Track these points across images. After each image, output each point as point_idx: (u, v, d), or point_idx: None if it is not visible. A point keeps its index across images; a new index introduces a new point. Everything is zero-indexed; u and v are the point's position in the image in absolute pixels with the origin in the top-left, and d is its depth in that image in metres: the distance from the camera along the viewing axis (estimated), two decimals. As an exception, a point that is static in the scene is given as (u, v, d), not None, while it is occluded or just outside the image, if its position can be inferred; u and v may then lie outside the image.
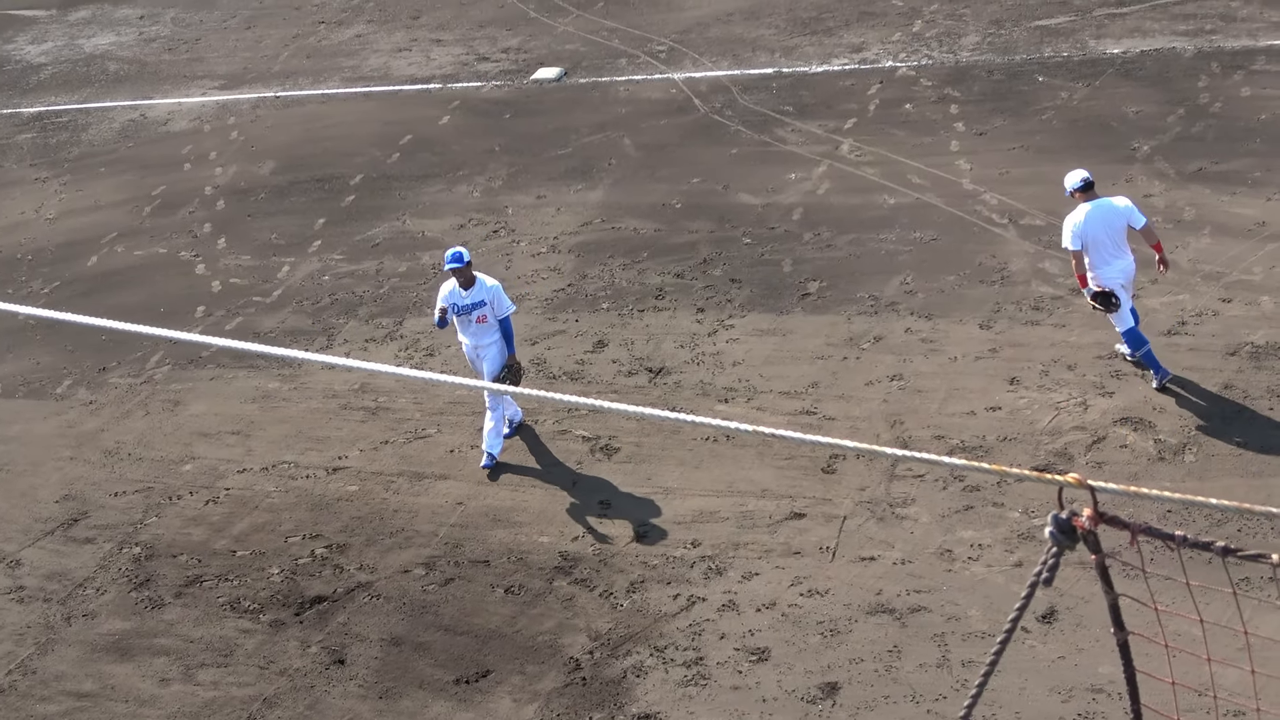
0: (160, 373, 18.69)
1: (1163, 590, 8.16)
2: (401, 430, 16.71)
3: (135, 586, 14.78)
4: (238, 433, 17.18)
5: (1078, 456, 14.77)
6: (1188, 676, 7.08)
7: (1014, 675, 12.14)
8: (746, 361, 17.14)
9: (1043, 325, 17.06)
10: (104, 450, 17.18)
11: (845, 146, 22.15)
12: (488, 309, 15.58)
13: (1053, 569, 4.47)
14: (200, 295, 20.46)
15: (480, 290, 15.60)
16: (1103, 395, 15.67)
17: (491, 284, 15.66)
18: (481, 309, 15.57)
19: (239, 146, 25.29)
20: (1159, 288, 17.44)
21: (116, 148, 26.14)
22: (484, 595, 14.07)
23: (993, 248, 18.89)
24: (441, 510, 15.32)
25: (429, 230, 21.44)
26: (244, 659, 13.66)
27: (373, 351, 18.35)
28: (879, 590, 13.41)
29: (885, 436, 15.50)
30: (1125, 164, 20.53)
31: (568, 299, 19.02)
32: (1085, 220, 15.50)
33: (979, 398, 15.92)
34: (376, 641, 13.68)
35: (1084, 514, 4.39)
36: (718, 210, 20.87)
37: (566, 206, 21.57)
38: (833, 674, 12.54)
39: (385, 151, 24.25)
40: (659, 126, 23.78)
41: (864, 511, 14.45)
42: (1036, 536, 13.74)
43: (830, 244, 19.50)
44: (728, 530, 14.45)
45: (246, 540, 15.28)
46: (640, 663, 12.96)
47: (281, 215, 22.61)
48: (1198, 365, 15.98)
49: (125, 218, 23.24)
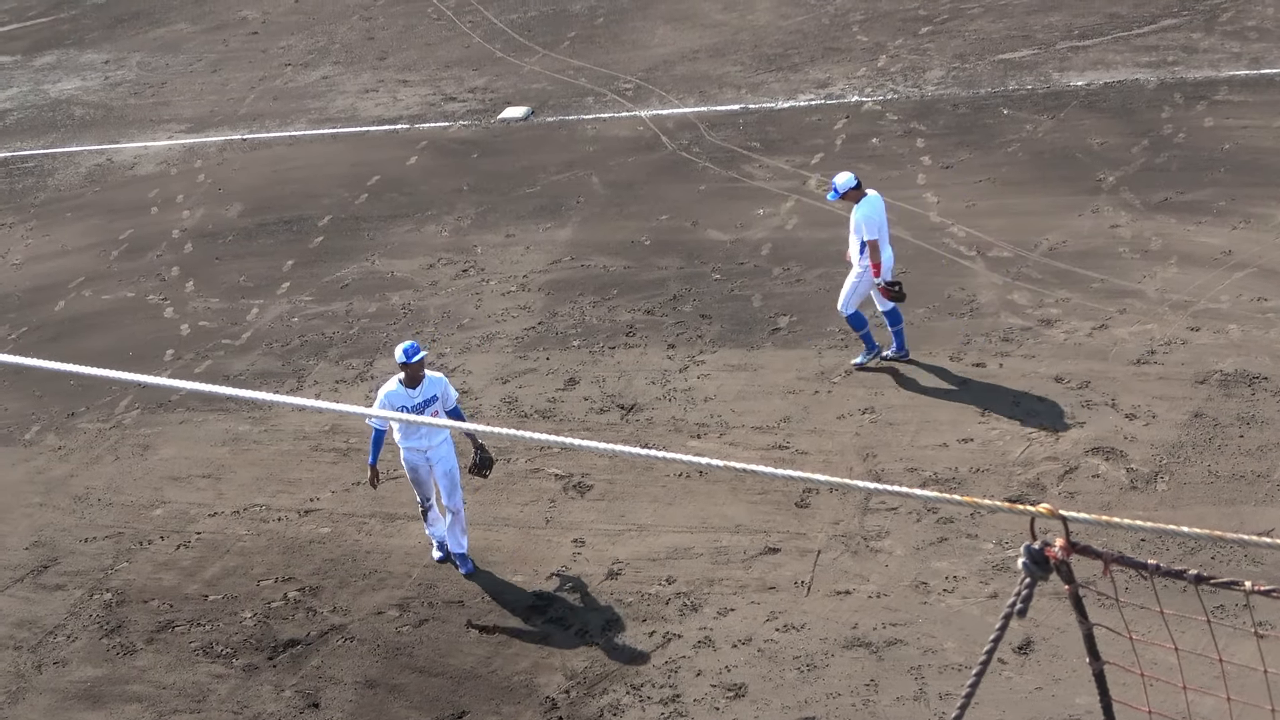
0: (129, 417, 18.61)
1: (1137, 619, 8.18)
2: (373, 471, 16.64)
3: (106, 633, 14.69)
4: (208, 476, 17.11)
5: (1050, 487, 14.81)
6: (1164, 705, 7.10)
7: (991, 707, 12.15)
8: (718, 397, 17.15)
9: (1013, 356, 17.12)
10: (73, 496, 17.08)
11: (813, 181, 22.23)
12: (439, 404, 14.21)
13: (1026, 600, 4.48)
14: (169, 339, 20.39)
15: (430, 385, 14.17)
16: (1074, 425, 15.73)
17: (437, 376, 14.35)
18: (434, 405, 14.16)
19: (206, 189, 25.25)
20: (1127, 318, 17.54)
21: (83, 192, 26.07)
22: (458, 636, 14.02)
23: (961, 280, 18.96)
24: (414, 551, 15.26)
25: (398, 270, 21.42)
26: (217, 704, 13.57)
27: (343, 393, 18.30)
28: (855, 624, 13.41)
29: (858, 470, 15.53)
30: (1091, 195, 20.65)
31: (538, 337, 19.02)
32: (875, 211, 16.73)
33: (951, 429, 15.96)
34: (351, 684, 13.61)
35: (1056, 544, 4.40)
36: (687, 247, 20.91)
37: (535, 245, 21.59)
38: (810, 709, 12.52)
39: (353, 192, 24.24)
40: (627, 164, 23.83)
41: (838, 545, 14.46)
42: (1011, 567, 13.75)
43: (800, 279, 19.55)
44: (702, 566, 14.44)
45: (218, 584, 15.20)
46: (617, 701, 12.92)
47: (250, 257, 22.56)
48: (1167, 394, 16.06)
49: (92, 262, 23.17)
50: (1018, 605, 4.52)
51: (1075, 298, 18.16)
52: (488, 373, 18.28)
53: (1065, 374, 16.64)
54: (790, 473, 4.89)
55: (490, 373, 18.28)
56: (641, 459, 15.88)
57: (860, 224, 16.75)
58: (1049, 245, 19.50)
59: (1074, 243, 19.49)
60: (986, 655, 4.75)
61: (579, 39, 29.19)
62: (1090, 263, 18.92)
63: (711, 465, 4.87)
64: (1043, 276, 18.75)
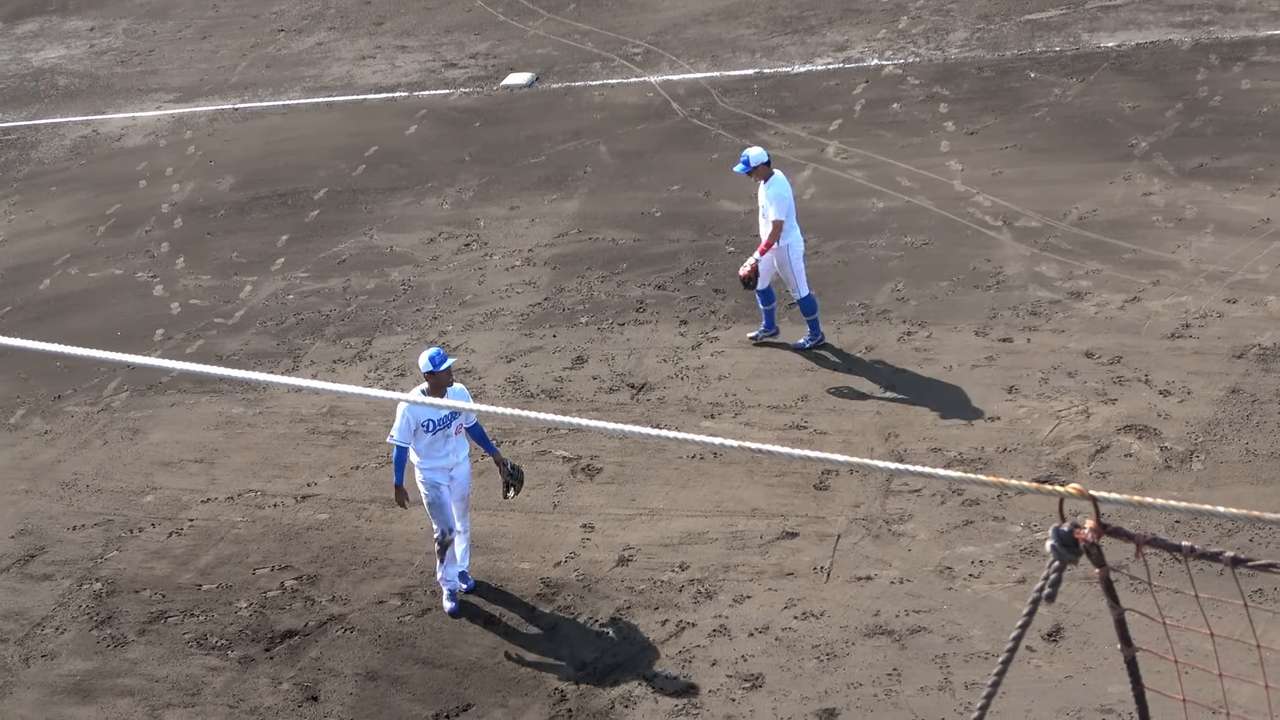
0: (119, 400, 18.64)
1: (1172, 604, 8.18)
2: (373, 454, 16.68)
3: (96, 624, 14.73)
4: (201, 461, 17.14)
5: (1080, 467, 14.81)
6: (1200, 693, 7.10)
7: (1019, 697, 12.15)
8: (733, 375, 17.15)
9: (1041, 331, 17.11)
10: (61, 482, 17.13)
11: (831, 149, 22.20)
12: (462, 417, 13.74)
13: (1055, 584, 4.48)
14: (159, 318, 20.42)
15: (454, 397, 13.59)
16: (1105, 402, 15.71)
17: (458, 387, 13.94)
18: (459, 419, 13.70)
19: (196, 162, 25.25)
20: (1161, 290, 17.52)
21: (68, 166, 26.09)
22: (463, 625, 14.05)
23: (987, 251, 18.94)
24: (416, 538, 15.29)
25: (397, 245, 21.43)
26: (212, 698, 13.61)
27: (341, 373, 18.32)
28: (876, 611, 13.42)
29: (879, 450, 15.53)
30: (1123, 161, 20.61)
31: (544, 314, 19.03)
32: (786, 190, 17.06)
33: (976, 408, 15.95)
34: (351, 676, 13.64)
35: (1086, 526, 4.40)
36: (699, 218, 20.90)
37: (541, 217, 21.58)
38: (830, 700, 12.54)
39: (350, 164, 24.24)
40: (636, 132, 23.81)
41: (859, 529, 14.46)
42: (1040, 551, 13.75)
43: (817, 251, 19.53)
44: (717, 552, 14.45)
45: (212, 573, 15.24)
46: (629, 693, 12.94)
47: (242, 233, 22.57)
48: (1203, 369, 16.04)
49: (78, 239, 23.19)
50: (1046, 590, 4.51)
51: (1106, 269, 18.14)
52: (491, 351, 18.28)
53: (1096, 349, 16.62)
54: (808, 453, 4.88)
55: (494, 351, 18.29)
56: (653, 440, 15.85)
57: (772, 202, 16.95)
58: (1079, 214, 19.46)
59: (1105, 212, 19.45)
60: (1014, 642, 4.74)
61: (585, 1, 29.14)
62: (1122, 232, 18.89)
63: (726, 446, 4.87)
64: (1072, 247, 18.72)
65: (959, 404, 16.06)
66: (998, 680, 4.84)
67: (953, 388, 16.37)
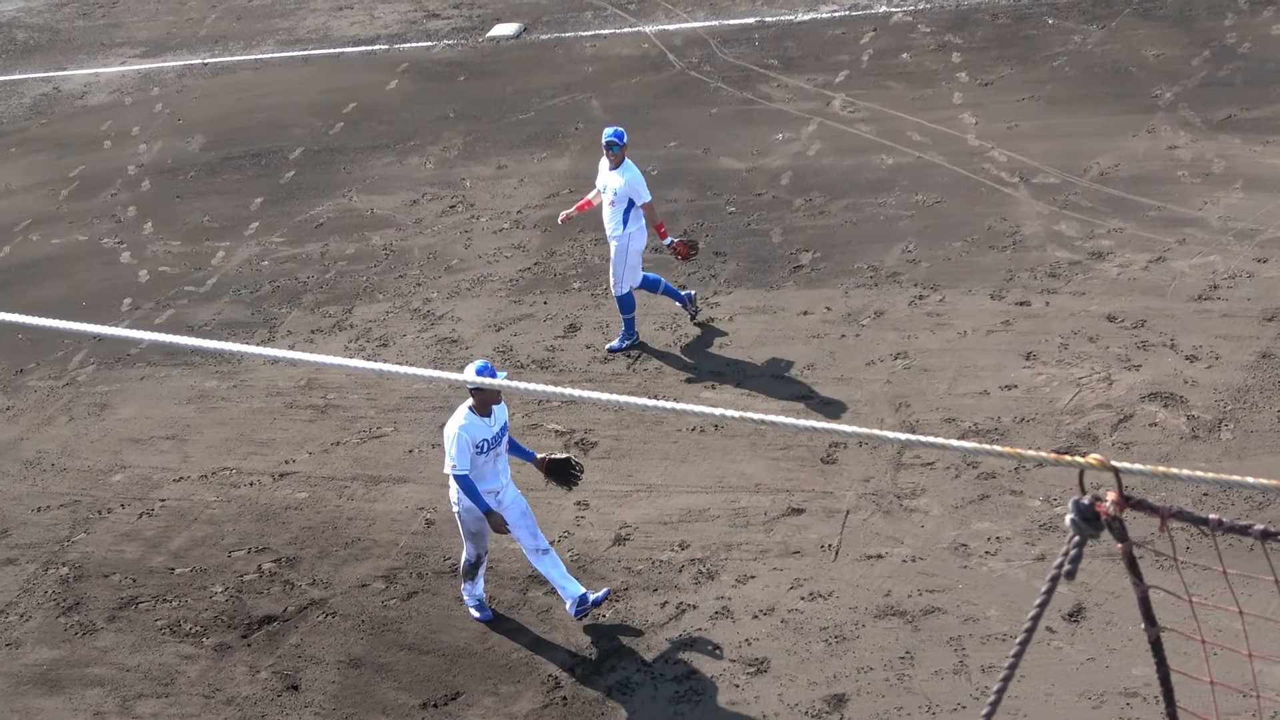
0: (84, 373, 18.64)
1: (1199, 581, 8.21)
2: (354, 430, 16.70)
3: (64, 611, 14.76)
4: (172, 437, 17.15)
5: (1103, 437, 14.83)
6: (1229, 675, 7.13)
7: (1039, 680, 12.20)
8: (734, 342, 17.16)
9: (1060, 294, 17.11)
10: (24, 461, 17.14)
11: (837, 102, 22.17)
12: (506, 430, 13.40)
13: (1075, 560, 4.49)
14: (126, 286, 20.41)
15: (500, 410, 13.26)
16: (1128, 369, 15.73)
17: None
18: (505, 434, 13.36)
19: (164, 120, 25.20)
20: (1187, 249, 17.52)
21: (28, 125, 26.03)
22: (451, 609, 14.08)
23: (1003, 209, 18.94)
24: (401, 517, 15.32)
25: (378, 207, 21.41)
26: (187, 688, 13.65)
27: (320, 343, 18.33)
28: (887, 591, 13.45)
29: (890, 421, 15.55)
30: (1146, 113, 20.59)
31: (534, 279, 19.02)
32: (640, 173, 17.19)
33: (992, 376, 15.97)
34: (333, 664, 13.68)
35: (1108, 499, 4.41)
36: (698, 177, 20.88)
37: (530, 177, 21.56)
38: (839, 685, 12.58)
39: (327, 122, 24.20)
40: (630, 86, 23.76)
41: (869, 505, 14.49)
42: (1059, 527, 13.77)
43: (823, 210, 19.53)
44: (719, 530, 14.48)
45: (186, 556, 15.27)
46: (626, 679, 12.99)
47: (214, 195, 22.55)
48: (1232, 333, 16.05)
49: (40, 203, 23.16)
50: (1066, 566, 4.52)
51: (1129, 228, 18.14)
52: (479, 319, 18.28)
53: (1119, 312, 16.63)
54: (815, 424, 4.89)
55: (482, 319, 18.29)
56: (650, 412, 15.90)
57: (631, 187, 16.94)
58: (1100, 170, 19.46)
59: (1127, 166, 19.44)
60: (1032, 623, 4.76)
61: (575, -53, 29.05)
62: (1146, 188, 18.89)
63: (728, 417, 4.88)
64: (1093, 205, 18.72)
65: (974, 372, 16.08)
66: (1015, 663, 4.86)
67: (967, 354, 16.38)
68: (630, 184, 16.94)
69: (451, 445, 12.98)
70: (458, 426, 12.91)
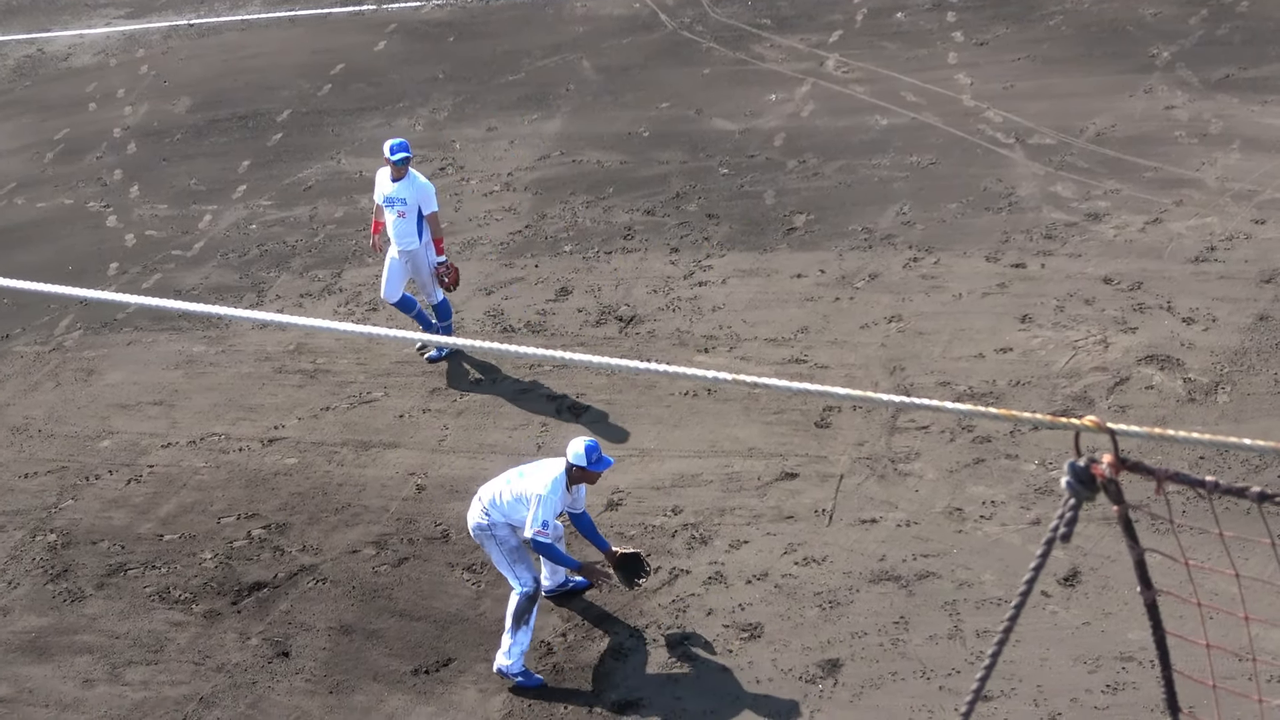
0: (71, 338, 18.62)
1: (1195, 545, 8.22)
2: (344, 395, 16.70)
3: (52, 578, 14.77)
4: (160, 403, 17.14)
5: (1099, 400, 14.85)
6: (1225, 639, 7.15)
7: (1034, 645, 12.23)
8: (727, 306, 17.15)
9: (1056, 255, 17.11)
10: (10, 427, 17.12)
11: (831, 62, 22.11)
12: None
13: (1070, 523, 4.50)
14: (113, 250, 20.37)
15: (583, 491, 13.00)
16: (1125, 331, 15.73)
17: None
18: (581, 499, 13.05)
19: (150, 82, 25.12)
20: (1184, 210, 17.51)
21: (11, 88, 25.93)
22: (442, 575, 14.10)
23: (998, 171, 18.92)
24: (392, 483, 15.33)
25: (367, 170, 21.34)
26: (176, 655, 13.67)
27: (309, 307, 18.31)
28: (882, 556, 13.48)
29: (884, 384, 15.56)
30: (1143, 73, 20.56)
31: (525, 242, 19.00)
32: None
33: (987, 339, 15.97)
34: (324, 631, 13.70)
35: (1104, 461, 4.41)
36: (690, 138, 20.84)
37: (521, 139, 21.51)
38: (833, 650, 12.61)
39: (315, 83, 24.12)
40: (621, 46, 23.70)
41: (863, 469, 14.51)
42: (1055, 491, 13.81)
43: (817, 172, 19.50)
44: (712, 494, 14.49)
45: (174, 523, 15.27)
46: (619, 644, 13.01)
47: (201, 158, 22.49)
48: (1229, 295, 16.05)
49: (24, 166, 23.09)
50: (1061, 529, 4.53)
51: (1126, 189, 18.13)
52: (470, 283, 18.26)
53: (1115, 274, 16.63)
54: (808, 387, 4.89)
55: (472, 282, 18.26)
56: (643, 375, 15.89)
57: (422, 196, 16.53)
58: (1096, 130, 19.43)
59: (1124, 127, 19.42)
60: (1027, 587, 4.77)
61: (565, -95, 28.93)
62: (1142, 149, 18.87)
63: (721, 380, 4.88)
64: (1089, 165, 18.71)
65: (969, 334, 16.08)
66: (1010, 627, 4.87)
67: (962, 317, 16.38)
68: (421, 193, 16.53)
69: (540, 511, 12.48)
70: (547, 499, 12.45)
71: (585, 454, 12.51)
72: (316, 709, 12.89)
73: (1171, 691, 5.11)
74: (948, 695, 11.97)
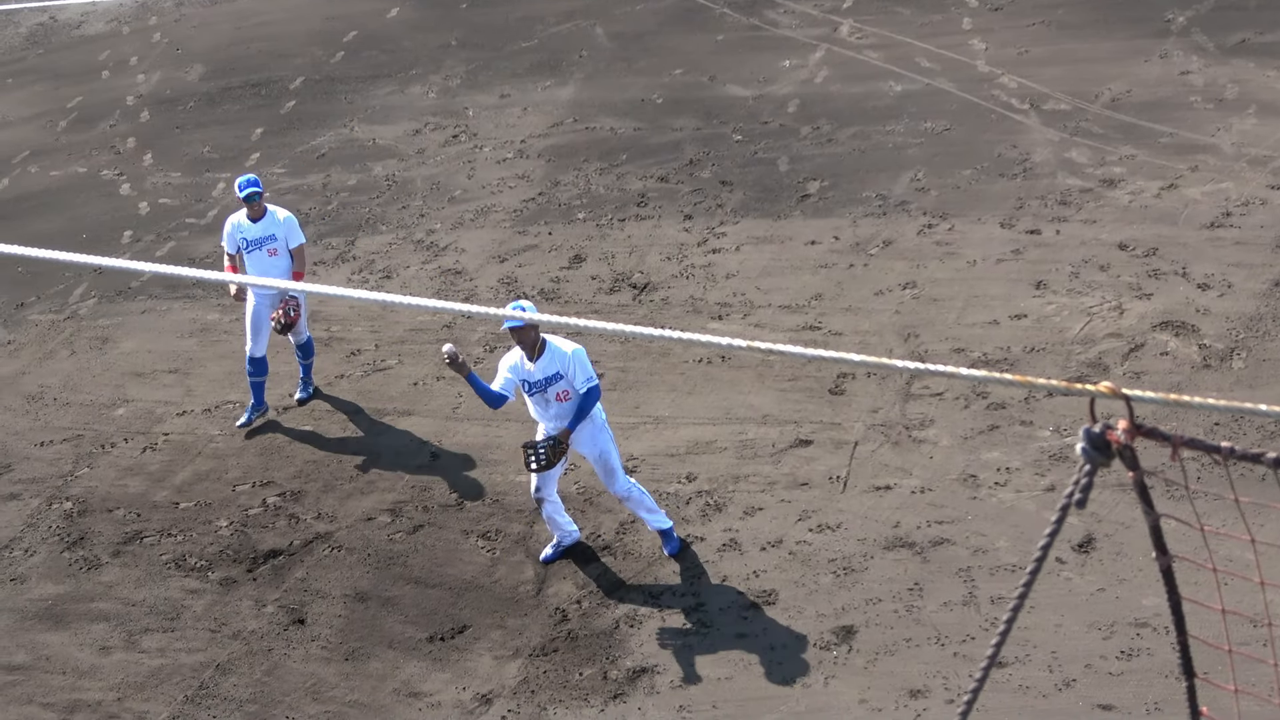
0: (85, 307, 18.65)
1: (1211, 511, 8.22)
2: (358, 362, 16.72)
3: (68, 546, 14.82)
4: (175, 371, 17.17)
5: (1113, 366, 14.83)
6: (1241, 604, 7.16)
7: (1049, 611, 12.24)
8: (741, 273, 17.13)
9: (1071, 222, 17.07)
10: (26, 395, 17.17)
11: (844, 28, 22.05)
12: (563, 384, 13.03)
13: (1085, 489, 4.49)
14: (127, 218, 20.39)
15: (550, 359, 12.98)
16: (1140, 298, 15.70)
17: (566, 349, 12.99)
18: (557, 384, 13.05)
19: (163, 50, 25.10)
20: (1199, 176, 17.46)
21: (24, 56, 25.93)
22: (457, 543, 14.13)
23: (1013, 137, 18.86)
24: (406, 451, 15.35)
25: (380, 137, 21.35)
26: (192, 622, 13.72)
27: (323, 275, 18.31)
28: (896, 523, 13.48)
29: (898, 351, 15.55)
30: (1159, 38, 20.47)
31: (539, 209, 18.98)
32: None
33: (1002, 305, 15.95)
34: (339, 598, 13.74)
35: (1119, 427, 4.41)
36: (704, 105, 20.80)
37: (534, 106, 21.48)
38: (847, 616, 12.63)
39: (328, 50, 24.09)
40: (635, 12, 23.64)
41: (877, 436, 14.51)
42: (1070, 457, 13.80)
43: (831, 138, 19.46)
44: (726, 462, 14.50)
45: (190, 490, 15.31)
46: (633, 611, 13.04)
47: (214, 126, 22.48)
48: (1245, 260, 16.01)
49: (38, 134, 23.10)
50: (1076, 495, 4.52)
51: (1141, 154, 18.07)
52: (483, 250, 18.26)
53: (1130, 240, 16.59)
54: (823, 353, 4.89)
55: (486, 250, 18.26)
56: (657, 342, 15.91)
57: (290, 227, 15.76)
58: (1111, 96, 19.37)
59: (1139, 92, 19.35)
60: (1042, 553, 4.77)
61: None
62: (1158, 114, 18.81)
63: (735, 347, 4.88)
64: (1104, 131, 18.65)
65: (983, 301, 16.06)
66: (1025, 593, 4.87)
67: (976, 284, 16.36)
68: (288, 226, 15.72)
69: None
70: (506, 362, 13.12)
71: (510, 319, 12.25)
72: (332, 675, 12.94)
73: (1187, 656, 5.11)
74: (962, 662, 11.99)
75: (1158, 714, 11.30)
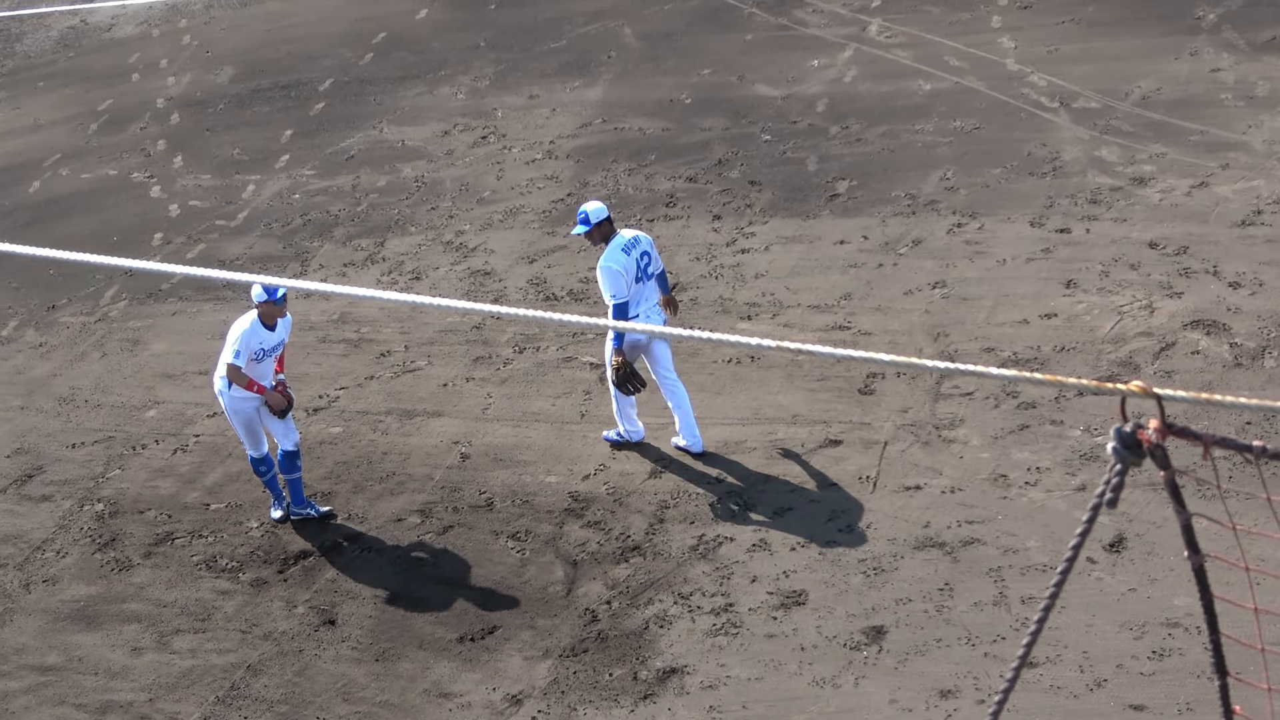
0: (116, 309, 18.72)
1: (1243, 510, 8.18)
2: (388, 364, 16.75)
3: (100, 547, 14.88)
4: (205, 372, 17.21)
5: (1144, 365, 14.78)
6: (1274, 603, 7.14)
7: (1080, 611, 12.21)
8: (770, 273, 17.13)
9: (1102, 220, 17.02)
10: (58, 397, 17.24)
11: (873, 27, 22.02)
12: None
13: (1117, 488, 4.48)
14: (157, 220, 20.46)
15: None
16: (1171, 296, 15.65)
17: None
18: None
19: (193, 52, 25.18)
20: (1230, 173, 17.39)
21: (55, 59, 26.04)
22: (487, 544, 14.15)
23: (1043, 135, 18.82)
24: (436, 451, 15.38)
25: (409, 139, 21.39)
26: (224, 623, 13.76)
27: (352, 276, 18.36)
28: (926, 523, 13.46)
29: (928, 350, 15.52)
30: (1189, 35, 20.40)
31: (568, 210, 19.00)
32: None
33: (1032, 304, 15.91)
34: (369, 599, 13.77)
35: (1150, 426, 4.40)
36: (732, 104, 20.79)
37: (563, 106, 21.50)
38: (877, 617, 12.61)
39: (357, 52, 24.15)
40: (663, 12, 23.64)
41: (907, 435, 14.48)
42: (1100, 457, 13.77)
43: (860, 138, 19.43)
44: (756, 461, 14.50)
45: (221, 492, 15.36)
46: (664, 611, 13.04)
47: (244, 128, 22.55)
48: (1276, 259, 15.95)
49: (69, 137, 23.20)
50: (1107, 495, 4.52)
51: (1172, 152, 18.01)
52: (512, 251, 18.28)
53: (1161, 238, 16.54)
54: (852, 353, 4.89)
55: (515, 251, 18.28)
56: (686, 342, 15.91)
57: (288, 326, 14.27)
58: (1141, 93, 19.31)
59: (1170, 90, 19.29)
60: (1073, 553, 4.76)
61: None
62: (1188, 112, 18.74)
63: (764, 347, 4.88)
64: (1134, 129, 18.59)
65: (1013, 300, 16.03)
66: (1056, 593, 4.86)
67: (1006, 282, 16.32)
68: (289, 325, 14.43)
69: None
70: None
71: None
72: (362, 676, 12.97)
73: (1219, 655, 5.10)
74: (993, 662, 11.96)
75: (1190, 714, 11.25)
